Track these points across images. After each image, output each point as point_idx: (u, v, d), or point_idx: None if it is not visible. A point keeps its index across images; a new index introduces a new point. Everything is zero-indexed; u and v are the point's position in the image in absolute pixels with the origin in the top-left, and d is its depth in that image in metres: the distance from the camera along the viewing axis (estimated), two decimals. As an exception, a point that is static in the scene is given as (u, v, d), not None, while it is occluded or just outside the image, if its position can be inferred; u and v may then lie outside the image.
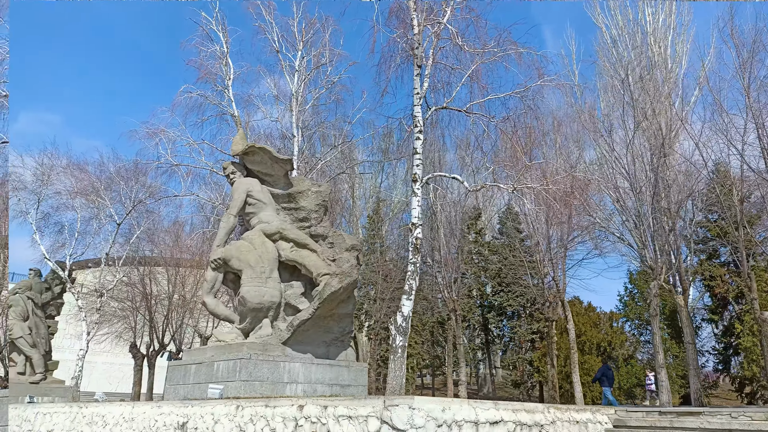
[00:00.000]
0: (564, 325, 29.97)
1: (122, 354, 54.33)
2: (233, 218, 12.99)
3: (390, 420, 4.91)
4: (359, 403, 5.32)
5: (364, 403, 5.26)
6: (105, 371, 58.99)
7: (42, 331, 26.06)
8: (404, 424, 4.81)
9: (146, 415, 8.31)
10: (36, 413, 11.51)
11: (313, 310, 11.89)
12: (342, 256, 12.95)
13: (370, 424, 5.12)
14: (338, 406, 5.51)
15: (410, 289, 12.52)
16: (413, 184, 12.94)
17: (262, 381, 11.05)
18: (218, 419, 6.95)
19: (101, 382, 52.51)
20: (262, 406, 6.41)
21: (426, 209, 31.46)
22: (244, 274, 12.30)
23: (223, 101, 17.98)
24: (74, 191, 26.81)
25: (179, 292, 34.59)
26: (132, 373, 59.16)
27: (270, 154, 13.39)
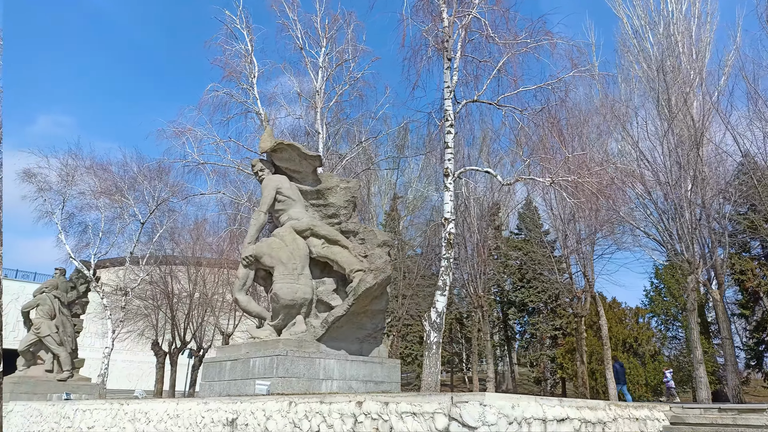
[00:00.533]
0: (588, 321, 29.73)
1: (141, 352, 54.88)
2: (263, 215, 12.96)
3: (460, 417, 4.82)
4: (423, 399, 5.23)
5: (429, 399, 5.17)
6: (124, 369, 59.60)
7: (68, 330, 26.36)
8: (475, 421, 4.71)
9: (192, 411, 8.29)
10: (75, 410, 11.56)
11: (348, 307, 11.82)
12: (374, 252, 12.87)
13: (437, 421, 5.03)
14: (400, 403, 5.42)
15: (444, 284, 12.41)
16: (445, 179, 12.81)
17: (298, 377, 11.02)
18: (270, 415, 6.89)
19: (121, 380, 53.14)
20: (317, 402, 6.34)
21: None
22: (276, 271, 12.25)
23: (248, 99, 17.97)
24: (98, 191, 27.02)
25: (200, 290, 34.81)
26: (150, 371, 59.78)
27: (299, 150, 13.34)
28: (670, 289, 25.27)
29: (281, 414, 6.75)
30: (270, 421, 6.86)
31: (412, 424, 5.24)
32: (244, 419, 7.27)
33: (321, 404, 6.29)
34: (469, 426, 4.75)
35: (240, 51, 17.90)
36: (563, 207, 18.26)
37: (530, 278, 31.59)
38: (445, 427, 4.94)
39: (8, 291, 54.48)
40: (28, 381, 24.09)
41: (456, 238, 24.77)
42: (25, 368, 25.11)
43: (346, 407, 5.95)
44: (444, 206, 12.73)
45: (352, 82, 18.61)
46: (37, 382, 24.38)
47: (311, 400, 6.43)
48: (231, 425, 7.44)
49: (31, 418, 13.64)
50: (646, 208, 28.03)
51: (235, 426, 7.37)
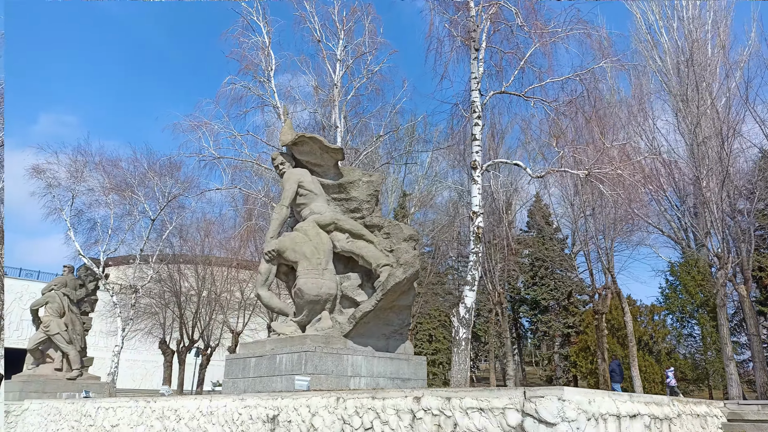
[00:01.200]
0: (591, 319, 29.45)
1: (145, 350, 54.64)
2: (286, 209, 12.73)
3: (535, 412, 4.56)
4: (491, 394, 4.97)
5: (498, 394, 4.91)
6: (128, 368, 59.50)
7: (78, 328, 26.13)
8: (554, 417, 4.45)
9: (228, 408, 8.03)
10: (97, 408, 11.31)
11: (376, 302, 11.58)
12: (400, 246, 12.64)
13: (508, 417, 4.77)
14: (465, 398, 5.16)
15: (473, 279, 12.15)
16: (473, 171, 12.55)
17: (327, 374, 10.78)
18: (316, 411, 6.63)
19: (125, 379, 52.94)
20: (369, 398, 6.08)
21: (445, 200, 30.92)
22: (299, 266, 12.01)
23: (264, 93, 17.68)
24: (108, 187, 26.75)
25: (208, 288, 34.57)
26: (153, 370, 59.62)
27: (321, 143, 13.10)
28: (686, 286, 25.01)
29: (328, 410, 6.49)
30: (316, 417, 6.60)
31: (479, 420, 4.98)
32: (287, 416, 7.01)
33: (373, 400, 6.04)
34: (546, 422, 4.49)
35: (257, 43, 17.63)
36: (583, 202, 17.98)
37: (543, 276, 31.35)
38: (519, 424, 4.69)
39: (11, 290, 54.22)
40: (38, 380, 23.87)
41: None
42: (34, 366, 24.89)
43: (402, 403, 5.69)
44: (472, 200, 12.46)
45: (369, 76, 18.34)
46: (47, 381, 24.16)
47: (362, 396, 6.17)
48: (272, 422, 7.18)
49: (48, 417, 13.38)
50: (660, 204, 27.84)
51: (277, 423, 7.11)
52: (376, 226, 12.96)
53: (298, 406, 6.90)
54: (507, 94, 12.75)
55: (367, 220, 12.99)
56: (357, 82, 18.34)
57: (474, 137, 12.67)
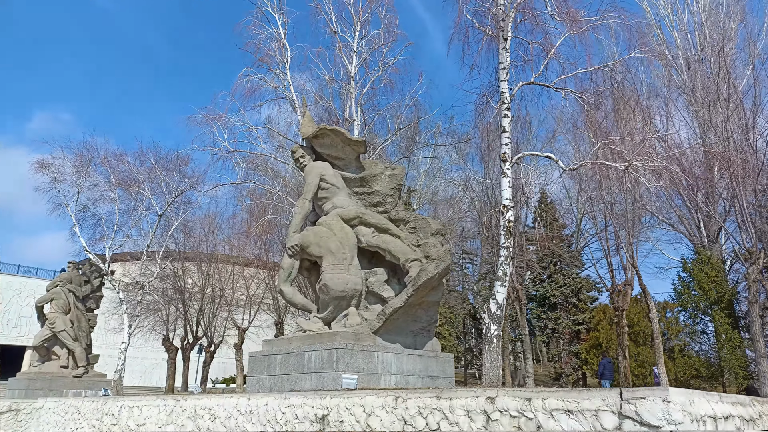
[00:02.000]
0: (611, 316, 29.26)
1: (145, 348, 54.15)
2: (308, 203, 12.44)
3: (636, 414, 4.27)
4: (580, 395, 4.68)
5: (588, 395, 4.62)
6: (128, 365, 59.03)
7: (83, 325, 25.74)
8: (658, 420, 4.16)
9: (269, 407, 7.70)
10: (120, 406, 10.94)
11: (407, 298, 11.29)
12: (428, 240, 12.37)
13: (603, 420, 4.47)
14: (548, 399, 4.86)
15: (504, 275, 11.85)
16: (502, 164, 12.24)
17: (358, 372, 10.48)
18: (372, 411, 6.32)
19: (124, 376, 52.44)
20: (433, 398, 5.77)
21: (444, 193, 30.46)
22: (324, 261, 11.71)
23: (280, 85, 17.30)
24: (114, 182, 26.31)
25: (213, 284, 34.17)
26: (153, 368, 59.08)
27: (343, 136, 12.79)
28: (699, 282, 24.82)
29: (386, 410, 6.18)
30: (372, 417, 6.29)
31: (567, 422, 4.68)
32: (338, 415, 6.69)
33: (439, 399, 5.72)
34: (649, 425, 4.20)
35: (272, 35, 17.24)
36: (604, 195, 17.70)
37: (551, 272, 31.12)
38: (616, 427, 4.39)
39: (10, 287, 53.59)
40: (44, 377, 23.51)
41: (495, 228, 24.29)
42: (40, 364, 24.51)
43: (473, 403, 5.39)
44: (502, 193, 12.17)
45: (385, 68, 18.00)
46: (53, 378, 23.80)
47: (425, 395, 5.86)
48: (321, 422, 6.86)
49: (66, 415, 13.00)
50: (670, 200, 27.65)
51: (327, 423, 6.79)
52: (401, 221, 12.69)
53: (351, 406, 6.58)
54: (536, 86, 12.45)
55: (392, 215, 12.73)
56: (373, 74, 18.00)
57: (503, 129, 12.38)
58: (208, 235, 32.40)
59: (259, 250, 27.87)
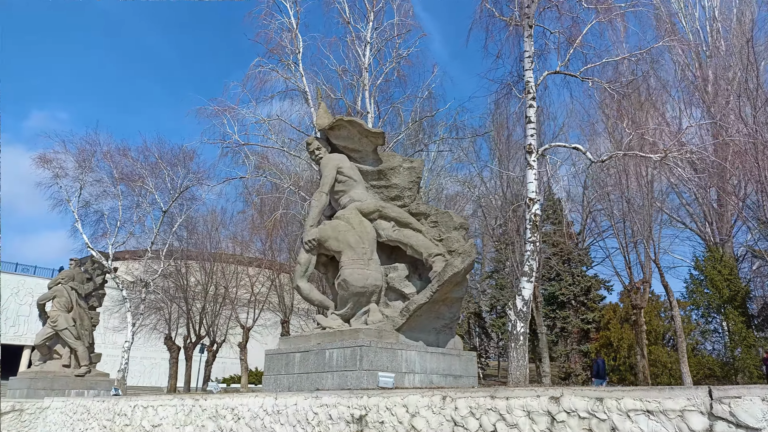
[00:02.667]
0: (623, 314, 28.89)
1: (144, 347, 53.63)
2: (325, 196, 12.02)
3: (731, 415, 3.88)
4: (660, 394, 4.28)
5: (671, 394, 4.23)
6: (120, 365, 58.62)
7: (86, 323, 25.30)
8: (758, 421, 3.77)
9: (299, 406, 7.28)
10: (134, 406, 10.51)
11: (431, 293, 10.88)
12: (450, 235, 11.97)
13: (691, 421, 4.08)
14: (623, 398, 4.47)
15: (531, 270, 11.45)
16: (528, 156, 11.85)
17: (382, 370, 10.07)
18: (416, 411, 5.90)
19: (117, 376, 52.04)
20: (487, 397, 5.35)
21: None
22: (343, 256, 11.29)
23: (292, 77, 16.85)
24: (118, 177, 25.83)
25: (216, 282, 33.68)
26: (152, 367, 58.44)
27: (360, 127, 12.38)
28: (712, 280, 24.49)
29: (432, 410, 5.77)
30: (417, 418, 5.87)
31: (647, 424, 4.29)
32: (377, 416, 6.28)
33: (494, 399, 5.32)
34: (746, 426, 3.81)
35: (284, 25, 16.78)
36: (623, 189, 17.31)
37: (560, 271, 30.74)
38: (707, 429, 4.00)
39: (7, 285, 52.93)
40: (46, 376, 23.04)
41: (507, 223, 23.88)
42: (42, 363, 24.03)
43: (534, 403, 4.98)
44: (528, 185, 11.77)
45: (398, 60, 17.57)
46: (55, 378, 23.33)
47: (477, 395, 5.46)
48: (359, 423, 6.45)
49: (75, 416, 12.56)
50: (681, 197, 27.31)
51: (365, 424, 6.38)
52: (422, 214, 12.29)
53: (392, 405, 6.17)
54: (557, 76, 12.06)
55: (411, 208, 12.35)
56: (387, 66, 17.59)
57: (528, 119, 11.98)
58: (211, 231, 31.90)
59: (265, 247, 27.40)
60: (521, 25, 12.14)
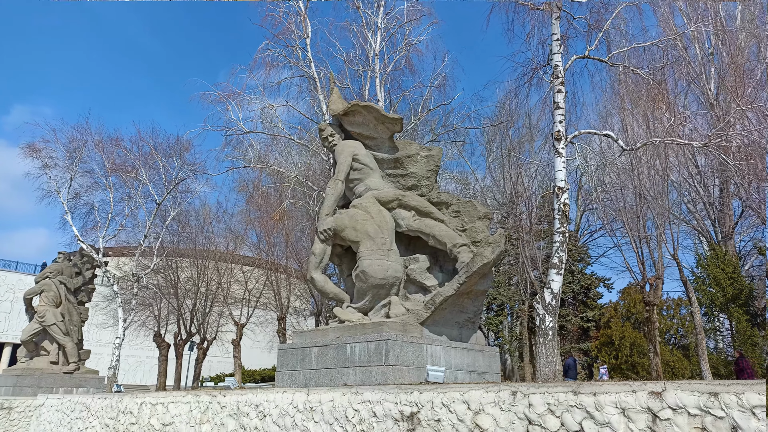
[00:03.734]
0: (625, 312, 28.62)
1: (129, 345, 52.35)
2: (341, 184, 11.43)
3: None
4: (792, 386, 3.77)
5: (806, 386, 3.72)
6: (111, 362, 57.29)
7: (75, 318, 24.40)
8: None
9: (336, 403, 6.64)
10: (141, 404, 9.77)
11: (458, 285, 10.32)
12: (474, 225, 11.42)
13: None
14: (744, 393, 3.94)
15: (560, 262, 10.94)
16: (556, 143, 11.34)
17: (408, 366, 9.50)
18: (480, 408, 5.31)
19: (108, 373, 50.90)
20: (569, 393, 4.79)
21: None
22: (362, 246, 10.70)
23: (299, 63, 16.15)
24: (109, 168, 24.86)
25: (208, 278, 32.74)
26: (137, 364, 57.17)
27: (377, 113, 11.78)
28: (716, 278, 24.28)
29: (500, 407, 5.18)
30: (482, 416, 5.28)
31: (778, 421, 3.76)
32: (432, 413, 5.67)
33: (577, 395, 4.75)
34: None
35: (292, 8, 16.08)
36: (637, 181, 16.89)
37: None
38: None
39: (-13, 280, 51.40)
40: (33, 373, 22.11)
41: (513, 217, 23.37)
42: (28, 359, 23.05)
43: (629, 399, 4.43)
44: (556, 174, 11.26)
45: (408, 48, 16.96)
46: (42, 375, 22.40)
47: (555, 390, 4.89)
48: (409, 421, 5.84)
49: (72, 414, 11.75)
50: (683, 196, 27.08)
51: (417, 422, 5.77)
52: (443, 204, 11.74)
53: (449, 402, 5.57)
54: (593, 60, 11.57)
55: (432, 197, 11.81)
56: (398, 53, 16.96)
57: (557, 105, 11.48)
58: (204, 225, 30.97)
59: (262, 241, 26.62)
60: (548, 9, 11.63)
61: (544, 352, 10.57)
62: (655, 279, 17.38)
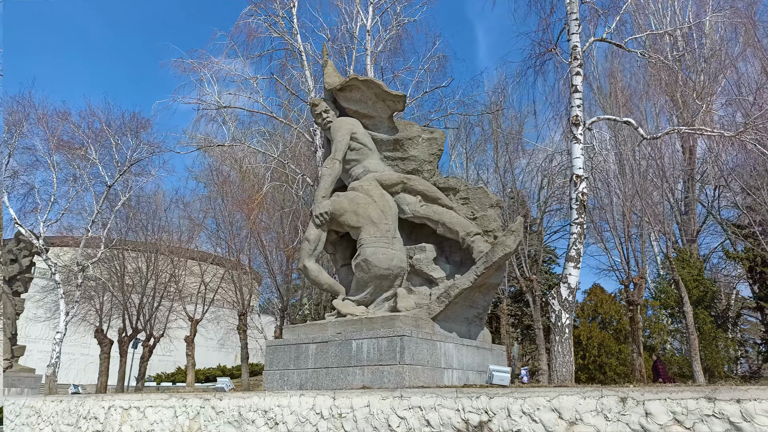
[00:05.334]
0: (591, 312, 28.60)
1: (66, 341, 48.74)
2: (338, 164, 10.44)
3: None
4: None
5: None
6: (41, 359, 53.43)
7: (9, 311, 22.13)
8: None
9: (374, 408, 5.53)
10: (109, 407, 8.28)
11: (475, 277, 9.54)
12: (486, 213, 10.67)
13: None
14: None
15: (578, 255, 10.24)
16: (574, 128, 10.65)
17: (423, 365, 8.59)
18: (578, 418, 4.35)
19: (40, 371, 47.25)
20: (701, 399, 3.90)
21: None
22: (363, 233, 9.72)
23: (284, 33, 14.79)
24: (54, 145, 22.51)
25: (158, 272, 30.50)
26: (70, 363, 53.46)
27: (378, 88, 10.88)
28: (683, 280, 24.52)
29: (604, 415, 4.25)
30: (580, 426, 4.33)
31: None
32: (509, 423, 4.67)
33: (711, 402, 3.88)
34: None
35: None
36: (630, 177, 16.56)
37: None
38: None
39: None
40: (-44, 372, 19.75)
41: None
42: (-47, 356, 20.64)
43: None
44: (574, 161, 10.57)
45: (400, 25, 15.93)
46: (-31, 375, 20.06)
47: (680, 395, 4.00)
48: (478, 430, 4.81)
49: (17, 419, 10.03)
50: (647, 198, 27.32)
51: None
52: (451, 189, 10.89)
53: (532, 409, 4.58)
54: (610, 44, 10.92)
55: (439, 182, 10.92)
56: (388, 32, 15.89)
57: (575, 89, 10.79)
58: (159, 212, 28.74)
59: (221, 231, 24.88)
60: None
61: (561, 351, 9.83)
62: (639, 278, 17.16)
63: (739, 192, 23.24)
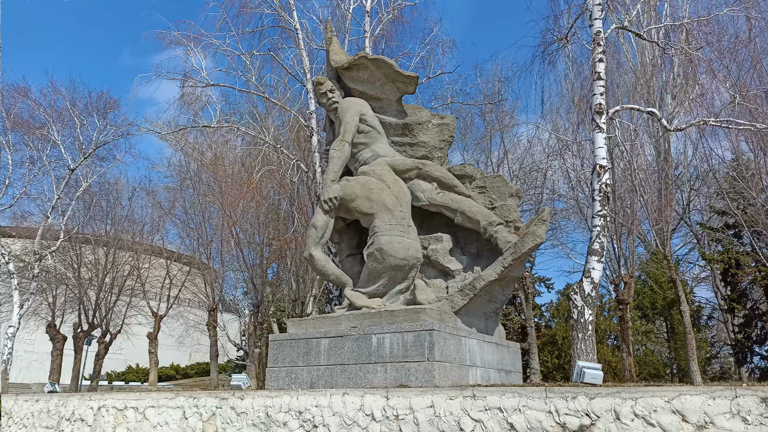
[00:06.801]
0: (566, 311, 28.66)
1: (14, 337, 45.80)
2: (348, 146, 9.76)
3: None
4: None
5: None
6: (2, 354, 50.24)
7: (-45, 302, 20.15)
8: None
9: (440, 409, 4.80)
10: (99, 408, 7.24)
11: (502, 269, 9.03)
12: (505, 203, 10.14)
13: None
14: None
15: (601, 248, 9.81)
16: (597, 117, 10.23)
17: (451, 362, 7.98)
18: (708, 421, 3.77)
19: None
20: None
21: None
22: (377, 220, 9.05)
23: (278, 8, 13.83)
24: (10, 123, 20.71)
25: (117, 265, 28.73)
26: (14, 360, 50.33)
27: (389, 68, 10.24)
28: (657, 281, 24.87)
29: (743, 419, 3.68)
30: (711, 430, 3.75)
31: None
32: (618, 427, 4.05)
33: None
34: None
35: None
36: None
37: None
38: None
39: None
40: None
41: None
42: None
43: None
44: (596, 151, 10.14)
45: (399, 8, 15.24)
46: None
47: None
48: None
49: (-19, 422, 8.78)
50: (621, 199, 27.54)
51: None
52: (466, 177, 10.31)
53: (647, 411, 3.97)
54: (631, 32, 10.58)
55: (454, 169, 10.35)
56: (386, 14, 15.16)
57: (598, 76, 10.38)
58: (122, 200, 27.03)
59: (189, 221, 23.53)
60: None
61: (584, 349, 9.37)
62: (630, 277, 17.05)
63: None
